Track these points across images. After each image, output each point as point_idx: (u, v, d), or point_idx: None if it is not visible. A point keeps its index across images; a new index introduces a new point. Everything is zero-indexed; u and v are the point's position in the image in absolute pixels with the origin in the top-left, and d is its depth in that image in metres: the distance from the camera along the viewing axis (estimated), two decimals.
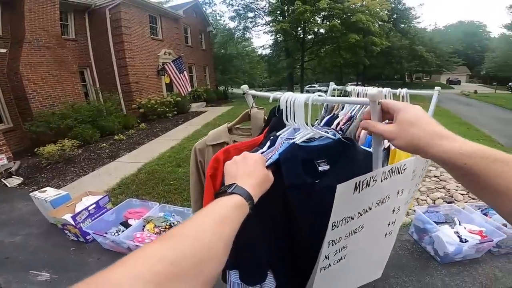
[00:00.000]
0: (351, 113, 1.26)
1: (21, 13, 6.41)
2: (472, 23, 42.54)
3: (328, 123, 1.24)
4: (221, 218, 0.42)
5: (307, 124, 0.69)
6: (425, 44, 25.12)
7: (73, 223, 2.34)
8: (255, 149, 0.71)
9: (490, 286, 1.86)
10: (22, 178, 4.46)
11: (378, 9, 16.41)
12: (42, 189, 3.00)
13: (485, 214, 2.45)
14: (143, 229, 2.24)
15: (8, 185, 4.21)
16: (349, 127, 1.17)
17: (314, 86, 22.07)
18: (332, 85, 1.37)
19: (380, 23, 17.49)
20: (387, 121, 0.53)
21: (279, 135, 0.74)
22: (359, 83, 20.24)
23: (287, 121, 0.75)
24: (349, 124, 1.19)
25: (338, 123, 1.21)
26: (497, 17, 64.54)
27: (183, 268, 0.32)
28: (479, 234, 2.12)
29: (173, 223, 2.28)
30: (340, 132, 1.06)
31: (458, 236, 2.09)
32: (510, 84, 24.10)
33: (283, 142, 0.67)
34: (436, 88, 1.13)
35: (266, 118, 1.05)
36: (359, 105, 1.28)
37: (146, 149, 6.09)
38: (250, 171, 0.56)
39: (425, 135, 0.43)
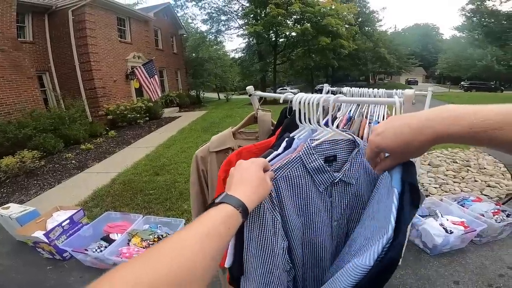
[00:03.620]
0: (348, 114, 1.27)
1: None
2: (426, 26, 45.87)
3: (326, 125, 1.24)
4: (207, 231, 0.39)
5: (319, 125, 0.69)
6: (386, 46, 26.77)
7: (46, 240, 2.12)
8: (269, 151, 0.67)
9: (481, 274, 1.91)
10: None
11: (345, 13, 17.14)
12: (5, 206, 2.72)
13: (462, 205, 2.55)
14: (128, 243, 2.08)
15: None
16: (349, 128, 1.17)
17: (286, 89, 22.43)
18: (327, 87, 1.36)
19: (347, 26, 18.27)
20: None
21: (294, 136, 0.71)
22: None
23: (301, 123, 0.73)
24: (349, 125, 1.20)
25: (338, 125, 1.21)
26: (449, 19, 70.84)
27: None
28: (462, 224, 2.20)
29: (161, 235, 2.13)
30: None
31: (444, 228, 2.15)
32: (462, 83, 26.48)
33: (307, 146, 0.63)
34: (430, 88, 1.16)
35: (273, 121, 1.01)
36: (355, 106, 1.30)
37: (118, 158, 5.75)
38: (243, 178, 0.52)
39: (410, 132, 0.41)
